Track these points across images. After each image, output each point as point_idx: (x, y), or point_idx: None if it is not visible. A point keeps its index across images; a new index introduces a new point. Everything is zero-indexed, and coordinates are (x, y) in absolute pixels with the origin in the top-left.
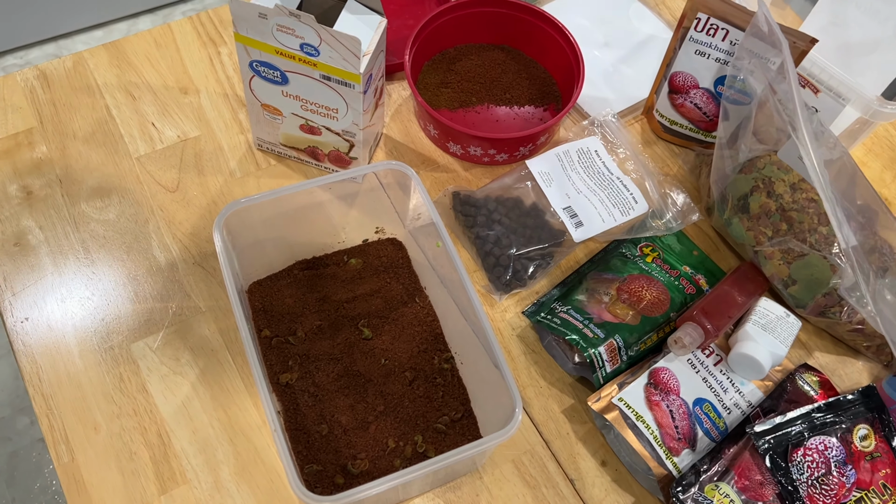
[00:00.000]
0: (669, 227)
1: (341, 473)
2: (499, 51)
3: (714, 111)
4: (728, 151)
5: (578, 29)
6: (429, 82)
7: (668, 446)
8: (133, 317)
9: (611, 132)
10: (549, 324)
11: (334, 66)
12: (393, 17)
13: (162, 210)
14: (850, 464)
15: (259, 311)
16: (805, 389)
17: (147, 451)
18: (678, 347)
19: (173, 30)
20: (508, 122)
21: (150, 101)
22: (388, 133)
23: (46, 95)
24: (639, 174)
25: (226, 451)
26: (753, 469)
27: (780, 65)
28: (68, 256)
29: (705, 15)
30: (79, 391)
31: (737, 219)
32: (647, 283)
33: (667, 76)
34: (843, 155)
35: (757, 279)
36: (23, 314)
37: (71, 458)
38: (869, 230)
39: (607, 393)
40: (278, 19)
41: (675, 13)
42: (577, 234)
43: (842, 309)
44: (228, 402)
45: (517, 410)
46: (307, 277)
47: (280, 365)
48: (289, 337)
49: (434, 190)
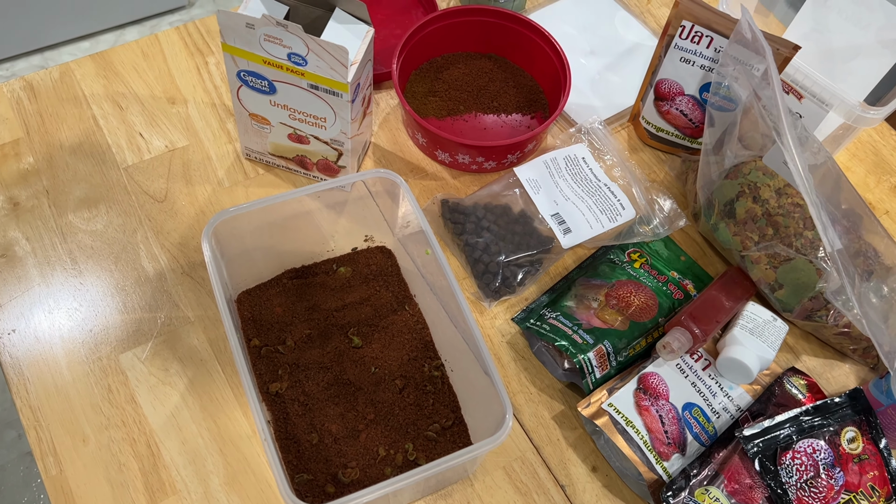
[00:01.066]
0: (657, 233)
1: (332, 482)
2: (486, 59)
3: (700, 118)
4: (714, 157)
5: (564, 37)
6: (416, 91)
7: (658, 451)
8: (121, 327)
9: (598, 139)
10: (539, 330)
11: (322, 75)
12: (380, 26)
13: (150, 220)
14: (839, 466)
15: (248, 320)
16: (793, 393)
17: (136, 463)
18: (667, 352)
19: (160, 40)
20: (496, 130)
21: (138, 111)
22: (377, 142)
23: (33, 106)
24: (626, 181)
25: (215, 461)
26: (743, 473)
27: (763, 71)
28: (55, 267)
29: (690, 22)
30: (67, 403)
31: (723, 224)
32: (635, 288)
33: (652, 83)
34: (828, 160)
35: (744, 284)
36: (10, 326)
37: (59, 470)
38: (854, 234)
39: (597, 398)
40: (266, 29)
41: (659, 21)
42: (565, 241)
43: (828, 312)
44: (218, 412)
45: (507, 417)
46: (296, 286)
47: (269, 374)
48: (278, 346)
49: (423, 198)
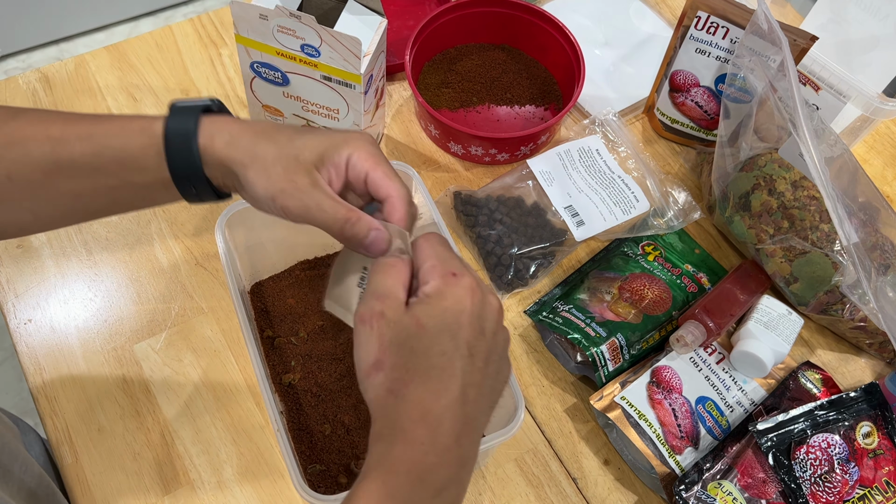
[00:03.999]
0: (671, 226)
1: (344, 473)
2: (499, 50)
3: (715, 109)
4: (729, 149)
5: (579, 28)
6: (429, 82)
7: (670, 444)
8: (136, 318)
9: (612, 131)
10: (551, 323)
11: (335, 66)
12: (393, 17)
13: (164, 211)
14: (853, 461)
15: (261, 311)
16: (808, 387)
17: (150, 452)
18: (680, 346)
19: (174, 32)
20: (509, 122)
21: (152, 102)
22: (389, 133)
23: (49, 98)
24: (640, 173)
25: (229, 451)
26: (756, 467)
27: (780, 62)
28: (71, 258)
29: (705, 13)
30: (82, 392)
31: (738, 217)
32: (648, 281)
33: (667, 75)
34: (844, 152)
35: (759, 277)
36: (26, 316)
37: (75, 458)
38: (870, 227)
39: (610, 392)
40: (279, 20)
41: (675, 11)
42: (578, 233)
43: (844, 306)
44: (231, 402)
45: (519, 410)
46: (309, 278)
47: (282, 365)
48: (291, 337)
49: (435, 190)
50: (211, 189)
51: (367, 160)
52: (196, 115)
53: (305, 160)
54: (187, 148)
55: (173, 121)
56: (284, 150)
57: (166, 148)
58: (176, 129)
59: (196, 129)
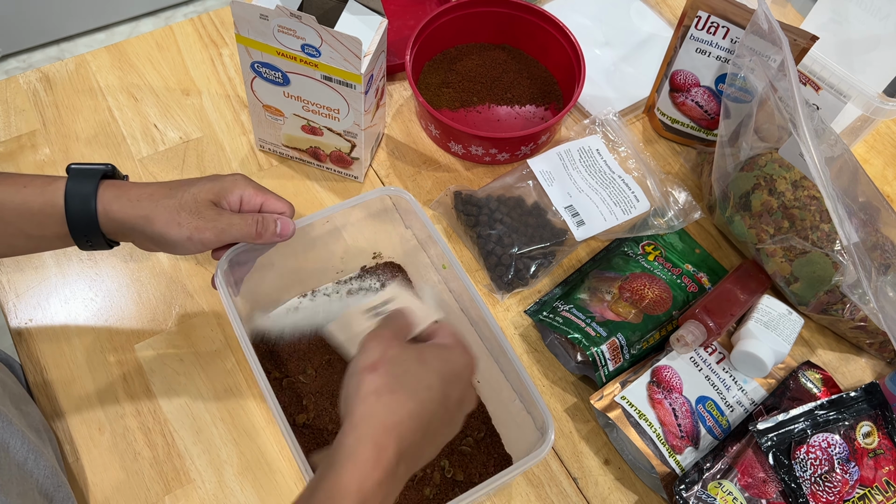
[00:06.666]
0: (671, 226)
1: None
2: (500, 50)
3: (715, 109)
4: (729, 149)
5: (579, 28)
6: (430, 82)
7: (671, 444)
8: (136, 318)
9: (612, 131)
10: (552, 322)
11: (335, 66)
12: (393, 17)
13: None
14: (854, 461)
15: (265, 354)
16: (808, 387)
17: (151, 452)
18: (681, 345)
19: (175, 32)
20: (509, 122)
21: (153, 102)
22: (390, 133)
23: (49, 98)
24: (640, 172)
25: (229, 450)
26: (757, 467)
27: (780, 62)
28: (72, 258)
29: (706, 13)
30: (83, 392)
31: (739, 217)
32: (649, 281)
33: (668, 74)
34: (845, 152)
35: (759, 277)
36: (27, 315)
37: (76, 458)
38: (871, 227)
39: (610, 391)
40: (279, 20)
41: (675, 11)
42: (578, 233)
43: (844, 306)
44: (231, 401)
45: (550, 431)
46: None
47: (295, 406)
48: (299, 376)
49: (436, 190)
50: (104, 240)
51: (256, 195)
52: (95, 180)
53: (204, 199)
54: (86, 209)
55: (72, 184)
56: (183, 199)
57: (66, 208)
58: (74, 192)
59: (95, 192)
